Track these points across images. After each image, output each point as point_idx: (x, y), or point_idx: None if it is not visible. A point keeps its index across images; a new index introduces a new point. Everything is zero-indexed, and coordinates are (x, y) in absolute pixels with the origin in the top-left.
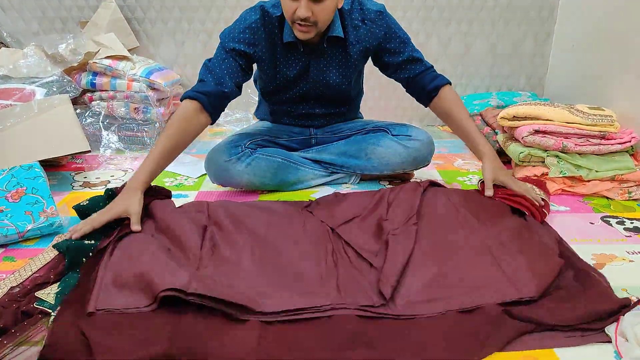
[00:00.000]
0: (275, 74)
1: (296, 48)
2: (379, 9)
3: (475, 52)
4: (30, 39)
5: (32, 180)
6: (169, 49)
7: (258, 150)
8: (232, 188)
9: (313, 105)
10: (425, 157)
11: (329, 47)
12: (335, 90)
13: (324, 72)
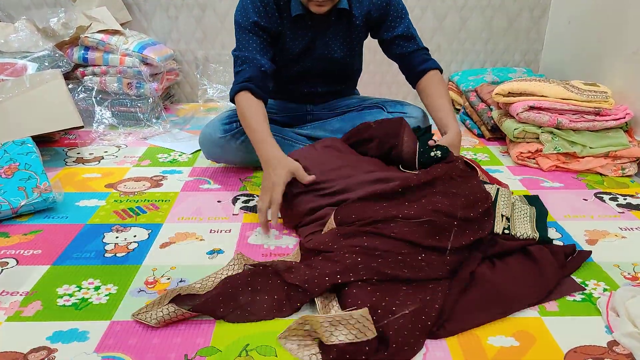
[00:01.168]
0: (280, 49)
1: (304, 21)
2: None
3: (470, 26)
4: (21, 12)
5: (24, 155)
6: (162, 23)
7: None
8: (226, 164)
9: (314, 84)
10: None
11: (335, 20)
12: (339, 65)
13: (329, 46)
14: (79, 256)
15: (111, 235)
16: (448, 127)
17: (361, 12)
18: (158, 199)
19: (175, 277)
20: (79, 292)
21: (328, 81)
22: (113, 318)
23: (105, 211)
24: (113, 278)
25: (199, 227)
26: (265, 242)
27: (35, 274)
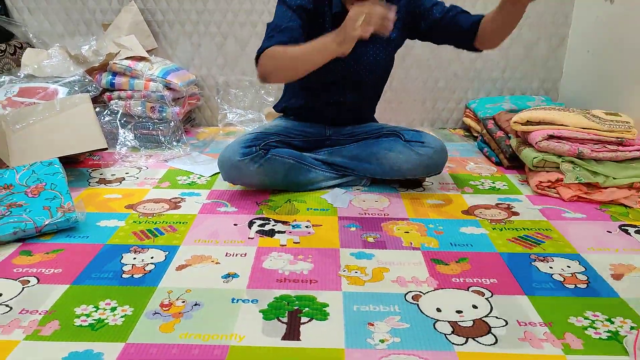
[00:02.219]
0: (317, 31)
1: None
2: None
3: (487, 56)
4: (55, 40)
5: (51, 176)
6: (186, 50)
7: (271, 151)
8: (244, 187)
9: (343, 91)
10: (437, 164)
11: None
12: (374, 69)
13: (367, 47)
14: (97, 276)
15: (129, 256)
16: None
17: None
18: (176, 221)
19: (190, 300)
20: (96, 313)
21: (358, 88)
22: (128, 340)
23: (124, 232)
24: (129, 299)
25: (215, 250)
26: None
27: (55, 293)
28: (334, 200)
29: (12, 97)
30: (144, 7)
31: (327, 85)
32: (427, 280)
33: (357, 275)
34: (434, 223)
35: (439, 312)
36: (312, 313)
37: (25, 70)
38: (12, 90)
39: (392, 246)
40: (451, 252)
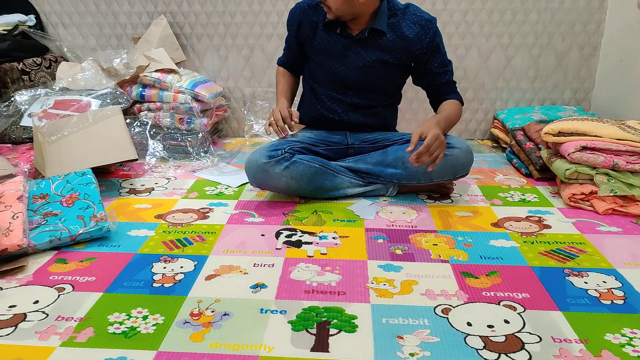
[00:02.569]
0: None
1: (335, 28)
2: (431, 18)
3: (516, 65)
4: (87, 53)
5: (84, 186)
6: (213, 62)
7: (297, 155)
8: (270, 197)
9: (349, 93)
10: (464, 165)
11: (369, 38)
12: (370, 76)
13: (362, 55)
14: (129, 285)
15: (159, 266)
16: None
17: (404, 38)
18: (204, 231)
19: (219, 310)
20: (129, 321)
21: (363, 93)
22: (159, 348)
23: (154, 241)
24: (160, 308)
25: (243, 260)
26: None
27: (89, 300)
28: (361, 211)
29: (48, 109)
30: (173, 21)
31: (332, 83)
32: (457, 293)
33: (385, 287)
34: (463, 235)
35: (470, 326)
36: (341, 325)
37: (60, 83)
38: (48, 102)
39: (420, 259)
40: (481, 265)
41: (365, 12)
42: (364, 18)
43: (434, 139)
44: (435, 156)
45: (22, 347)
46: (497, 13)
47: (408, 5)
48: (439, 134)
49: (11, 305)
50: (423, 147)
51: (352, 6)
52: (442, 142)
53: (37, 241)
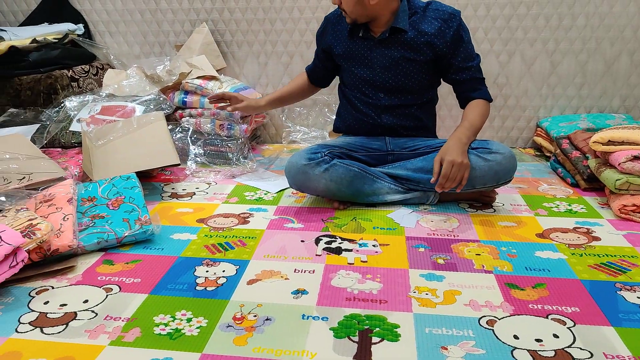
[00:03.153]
0: (344, 52)
1: (357, 32)
2: (454, 11)
3: (562, 71)
4: (132, 60)
5: (129, 190)
6: (253, 69)
7: (336, 159)
8: (309, 203)
9: (380, 95)
10: (507, 170)
11: (392, 38)
12: (398, 75)
13: (386, 55)
14: (172, 287)
15: (202, 269)
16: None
17: (426, 34)
18: (245, 236)
19: (261, 315)
20: (173, 323)
21: (391, 93)
22: (204, 351)
23: (196, 245)
24: (204, 311)
25: (283, 266)
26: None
27: (135, 301)
28: (401, 219)
29: (95, 115)
30: (214, 29)
31: (362, 84)
32: (502, 305)
33: (427, 297)
34: (507, 246)
35: (517, 339)
36: (383, 333)
37: (107, 89)
38: (95, 108)
39: (463, 268)
40: (527, 276)
41: (381, 13)
42: (383, 19)
43: (450, 167)
44: (458, 180)
45: (73, 345)
46: (543, 18)
47: (430, 2)
48: (455, 160)
49: (62, 303)
50: (441, 178)
51: (364, 8)
52: (461, 165)
53: (85, 242)
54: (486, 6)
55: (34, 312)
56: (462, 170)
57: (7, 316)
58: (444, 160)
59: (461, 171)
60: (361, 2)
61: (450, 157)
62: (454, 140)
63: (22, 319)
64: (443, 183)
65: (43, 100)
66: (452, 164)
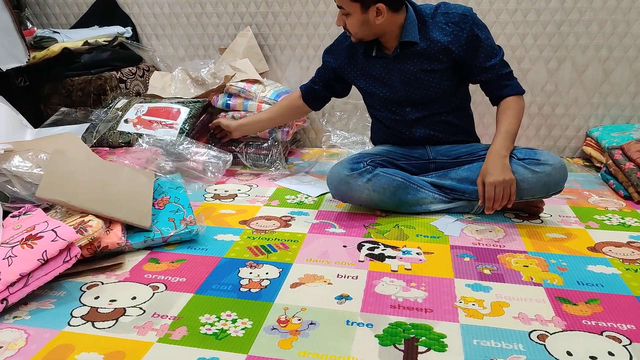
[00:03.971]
0: (360, 74)
1: (370, 52)
2: (465, 11)
3: (615, 79)
4: (177, 63)
5: (174, 190)
6: (295, 73)
7: (379, 168)
8: (350, 209)
9: (407, 110)
10: (557, 182)
11: (404, 51)
12: (420, 88)
13: (403, 70)
14: (217, 288)
15: (245, 271)
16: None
17: (439, 41)
18: (287, 239)
19: (305, 319)
20: (219, 323)
21: (417, 105)
22: (249, 352)
23: (239, 246)
24: (248, 313)
25: (326, 271)
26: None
27: (181, 300)
28: (445, 227)
29: (142, 115)
30: (258, 32)
31: (387, 105)
32: (554, 319)
33: (474, 307)
34: (556, 258)
35: (570, 356)
36: (430, 343)
37: (153, 91)
38: (142, 109)
39: (510, 280)
40: (579, 291)
41: (388, 30)
42: (392, 34)
43: (492, 190)
44: (506, 199)
45: (123, 340)
46: (596, 24)
47: (438, 6)
48: (496, 180)
49: (112, 299)
50: (487, 202)
51: (370, 27)
52: (505, 182)
53: (133, 240)
54: (536, 12)
55: (85, 306)
56: (507, 187)
57: (60, 309)
58: (486, 182)
59: (507, 189)
60: (366, 23)
61: (491, 178)
62: (493, 156)
63: (75, 312)
64: (490, 206)
65: (93, 101)
66: (495, 185)
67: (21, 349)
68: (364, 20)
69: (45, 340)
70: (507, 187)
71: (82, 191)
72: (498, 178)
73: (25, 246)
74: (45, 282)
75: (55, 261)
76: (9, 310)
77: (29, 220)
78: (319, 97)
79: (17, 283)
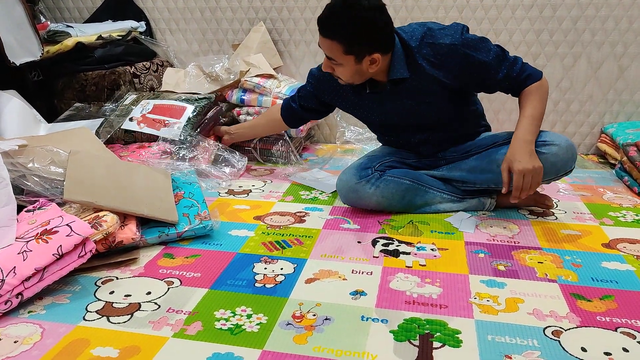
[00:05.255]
0: (352, 107)
1: (362, 89)
2: (452, 43)
3: (630, 76)
4: (190, 58)
5: (189, 185)
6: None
7: (387, 172)
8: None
9: (409, 133)
10: (565, 161)
11: (397, 87)
12: (419, 116)
13: (398, 104)
14: (232, 283)
15: (260, 266)
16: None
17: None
18: (302, 235)
19: (320, 315)
20: (234, 318)
21: (421, 131)
22: (265, 347)
23: (254, 242)
24: (263, 308)
25: (341, 266)
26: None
27: (196, 295)
28: (459, 224)
29: (147, 113)
30: (272, 27)
31: (390, 131)
32: (568, 315)
33: (489, 303)
34: (571, 255)
35: (585, 352)
36: (445, 339)
37: (166, 87)
38: (147, 107)
39: (525, 276)
40: (593, 287)
41: (379, 71)
42: (381, 73)
43: (521, 178)
44: (534, 187)
45: (138, 335)
46: (612, 20)
47: (424, 34)
48: (524, 168)
49: (127, 294)
50: (514, 190)
51: (362, 75)
52: (533, 170)
53: (147, 236)
54: (552, 7)
55: (100, 301)
56: (535, 175)
57: (75, 304)
58: (514, 170)
59: (535, 177)
60: (359, 71)
61: (520, 165)
62: (519, 142)
63: (90, 307)
64: (517, 195)
65: (107, 96)
66: (523, 173)
67: (36, 343)
68: (356, 70)
69: (60, 334)
70: (536, 176)
71: (105, 190)
72: (527, 166)
73: (40, 241)
74: (60, 276)
75: (70, 256)
76: (24, 305)
77: (43, 214)
78: (297, 116)
79: (32, 278)
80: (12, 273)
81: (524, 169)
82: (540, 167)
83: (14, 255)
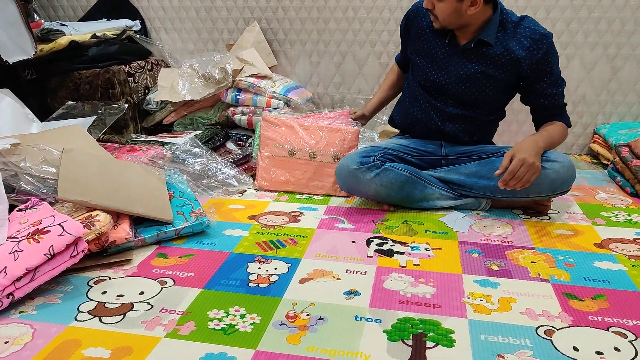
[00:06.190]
0: (422, 51)
1: (443, 36)
2: (546, 33)
3: (623, 77)
4: (185, 57)
5: (178, 184)
6: (305, 68)
7: (388, 163)
8: (359, 204)
9: (450, 103)
10: (564, 181)
11: (475, 49)
12: (473, 88)
13: (465, 66)
14: (225, 283)
15: (254, 266)
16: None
17: (514, 52)
18: (296, 234)
19: (314, 314)
20: (227, 318)
21: (459, 103)
22: (258, 347)
23: (248, 242)
24: (256, 308)
25: (335, 266)
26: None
27: (189, 295)
28: (453, 223)
29: None
30: (267, 27)
31: (430, 91)
32: (560, 315)
33: (482, 303)
34: (563, 254)
35: (576, 351)
36: (438, 338)
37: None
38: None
39: (518, 276)
40: (585, 287)
41: (473, 22)
42: (472, 27)
43: (519, 165)
44: (525, 181)
45: (130, 335)
46: (605, 22)
47: (523, 17)
48: (526, 158)
49: (119, 294)
50: (507, 174)
51: (459, 17)
52: (532, 165)
53: (145, 235)
54: (546, 9)
55: (92, 301)
56: (531, 171)
57: (67, 304)
58: (515, 156)
59: (530, 172)
60: (458, 11)
61: (522, 155)
62: (530, 141)
63: (82, 307)
64: (507, 179)
65: (101, 95)
66: (523, 162)
67: (27, 344)
68: (456, 9)
69: (51, 335)
70: (531, 172)
71: (100, 189)
72: (529, 159)
73: (31, 241)
74: (51, 276)
75: (62, 256)
76: (15, 305)
77: (35, 214)
78: (404, 59)
79: (23, 278)
80: (3, 273)
81: (524, 159)
82: (539, 167)
83: (5, 255)
